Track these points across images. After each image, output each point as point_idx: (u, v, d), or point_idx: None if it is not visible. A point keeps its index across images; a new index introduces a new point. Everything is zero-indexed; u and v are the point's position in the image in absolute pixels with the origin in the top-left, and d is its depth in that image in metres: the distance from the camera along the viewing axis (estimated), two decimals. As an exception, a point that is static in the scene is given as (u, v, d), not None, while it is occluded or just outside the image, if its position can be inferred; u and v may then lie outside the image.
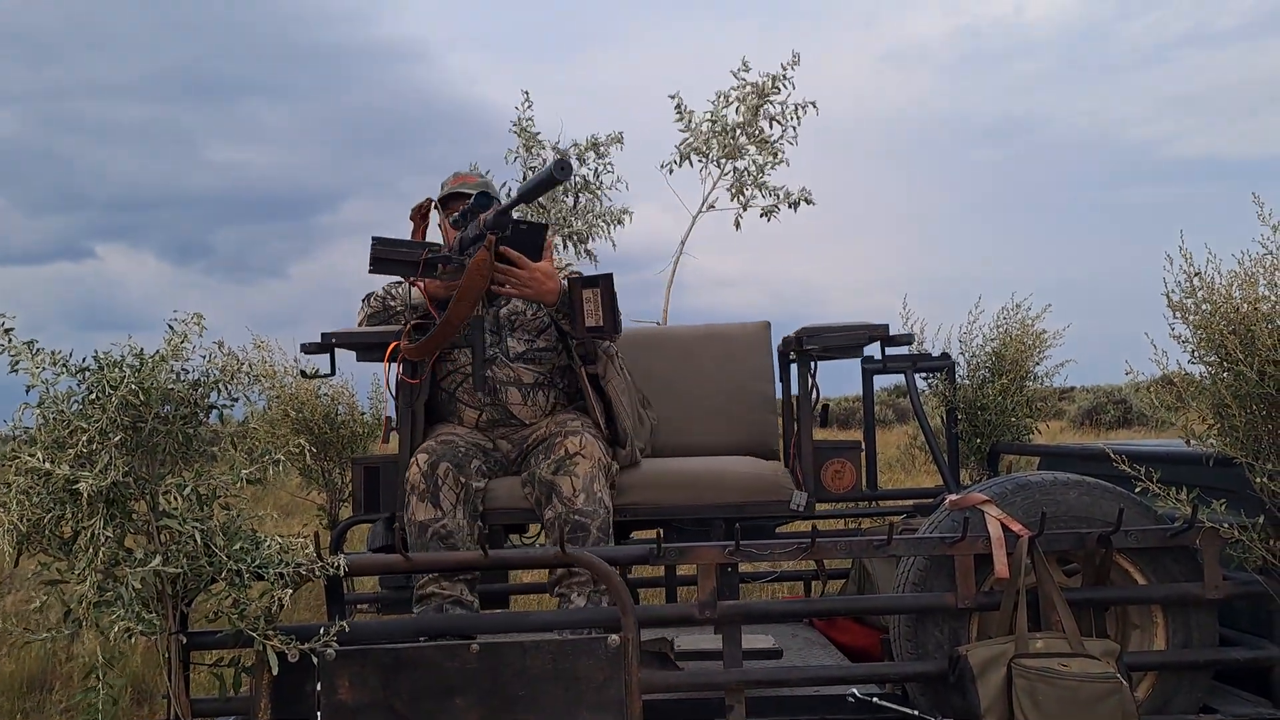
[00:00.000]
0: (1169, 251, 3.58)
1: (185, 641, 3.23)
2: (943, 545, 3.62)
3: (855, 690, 3.82)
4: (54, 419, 3.03)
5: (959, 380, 5.71)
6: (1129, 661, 3.52)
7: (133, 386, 3.00)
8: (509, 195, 4.29)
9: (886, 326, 4.45)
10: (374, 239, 4.16)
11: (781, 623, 5.27)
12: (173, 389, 3.11)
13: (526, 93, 9.28)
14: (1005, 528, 3.58)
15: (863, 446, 4.38)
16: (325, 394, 5.65)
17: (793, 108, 9.72)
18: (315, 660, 3.19)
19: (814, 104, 9.63)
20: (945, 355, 5.68)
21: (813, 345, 4.35)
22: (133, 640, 3.02)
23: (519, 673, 3.26)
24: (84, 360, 3.06)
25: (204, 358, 3.18)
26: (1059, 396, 6.16)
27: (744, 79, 9.54)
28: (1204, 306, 3.52)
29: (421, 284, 4.28)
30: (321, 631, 3.17)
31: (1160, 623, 3.72)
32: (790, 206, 9.57)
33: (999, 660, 3.40)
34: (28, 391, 3.02)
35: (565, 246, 9.60)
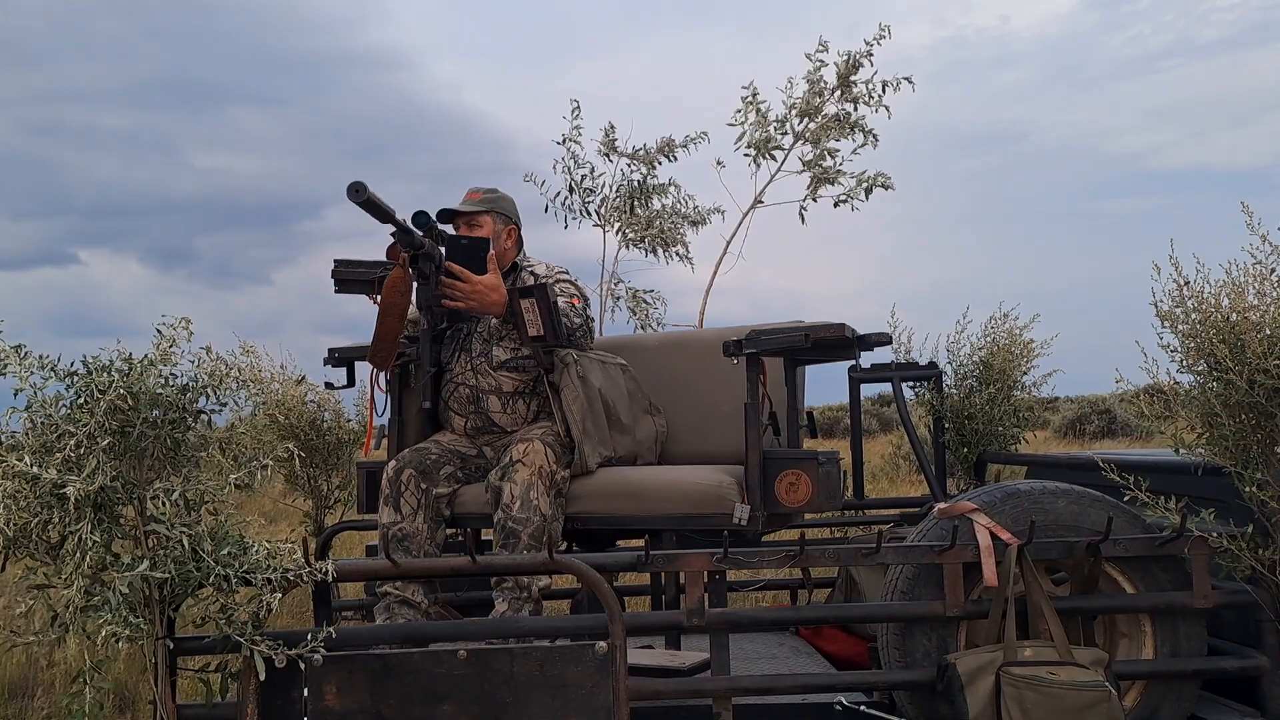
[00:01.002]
0: (1157, 261, 3.59)
1: (172, 647, 3.22)
2: (931, 553, 3.61)
3: (843, 698, 3.81)
4: (42, 423, 3.02)
5: (946, 389, 5.71)
6: (1117, 670, 3.52)
7: (121, 391, 2.99)
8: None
9: (842, 326, 4.22)
10: (335, 261, 4.41)
11: (769, 631, 5.26)
12: (161, 393, 3.10)
13: (576, 102, 8.90)
14: (994, 536, 3.58)
15: (819, 458, 4.21)
16: (312, 400, 5.64)
17: (880, 86, 8.46)
18: (303, 666, 3.18)
19: (908, 79, 8.41)
20: (932, 364, 5.68)
21: (752, 348, 4.24)
22: (119, 645, 3.00)
23: (506, 679, 3.24)
24: (72, 364, 3.05)
25: (192, 362, 3.17)
26: (1044, 407, 6.15)
27: (820, 60, 8.43)
28: (1193, 316, 3.52)
29: (377, 300, 4.33)
30: (309, 637, 3.17)
31: (1148, 632, 3.72)
32: (865, 193, 8.66)
33: (987, 668, 3.40)
34: (15, 395, 3.01)
35: (649, 253, 8.91)
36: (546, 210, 8.64)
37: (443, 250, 4.40)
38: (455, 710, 3.23)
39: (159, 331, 3.13)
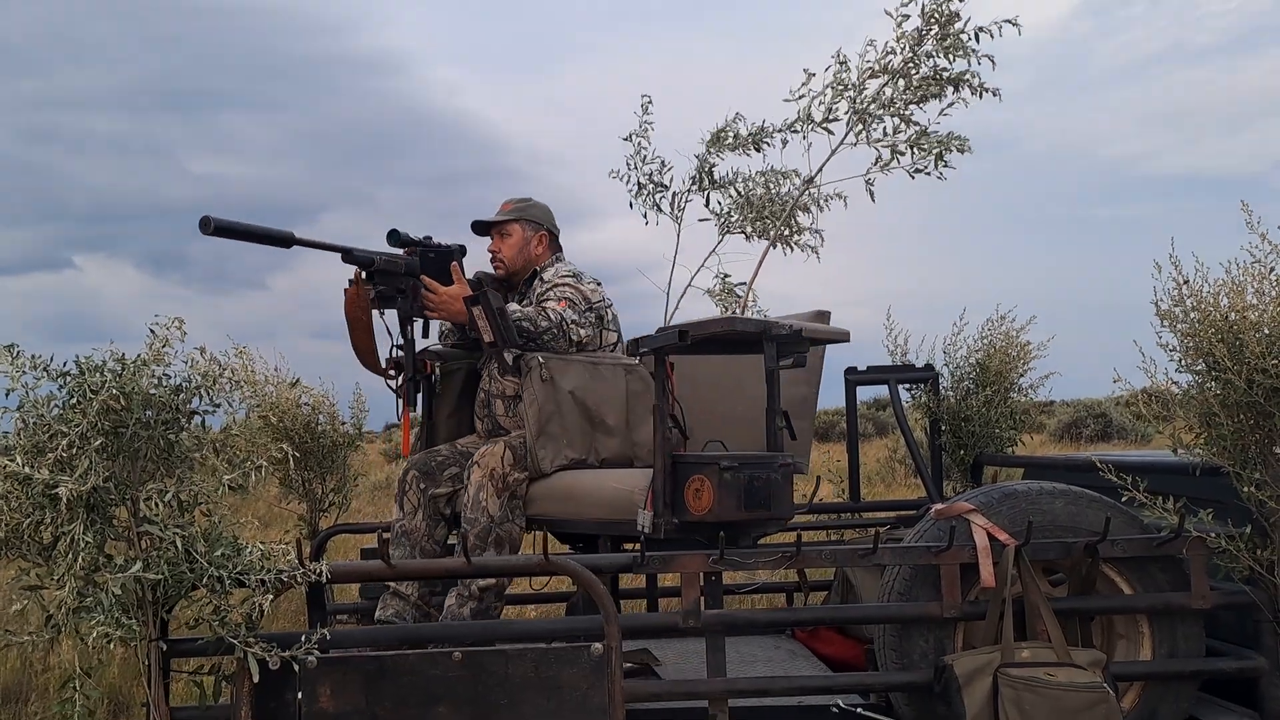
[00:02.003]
0: (1158, 260, 3.58)
1: (165, 649, 3.21)
2: (928, 554, 3.60)
3: (839, 700, 3.80)
4: (34, 423, 3.01)
5: (942, 392, 5.71)
6: (1115, 671, 3.51)
7: (114, 391, 2.97)
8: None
9: (732, 320, 4.08)
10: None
11: (765, 633, 5.25)
12: (154, 394, 3.09)
13: (648, 98, 8.41)
14: (991, 537, 3.57)
15: (722, 464, 4.05)
16: (306, 403, 5.63)
17: (974, 34, 6.92)
18: (297, 668, 3.16)
19: (1012, 21, 6.86)
20: (929, 366, 5.67)
21: (645, 347, 4.13)
22: (112, 647, 2.98)
23: (501, 681, 3.23)
24: (65, 364, 3.04)
25: (186, 363, 3.16)
26: (1039, 410, 6.16)
27: (905, 14, 7.06)
28: (1192, 315, 3.51)
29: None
30: (303, 639, 3.15)
31: (1147, 633, 3.72)
32: (940, 159, 7.14)
33: (985, 669, 3.39)
34: (7, 395, 3.00)
35: (778, 246, 7.92)
36: (631, 206, 8.31)
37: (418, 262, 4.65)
38: (450, 712, 3.22)
39: (152, 332, 3.11)
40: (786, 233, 7.61)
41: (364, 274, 4.53)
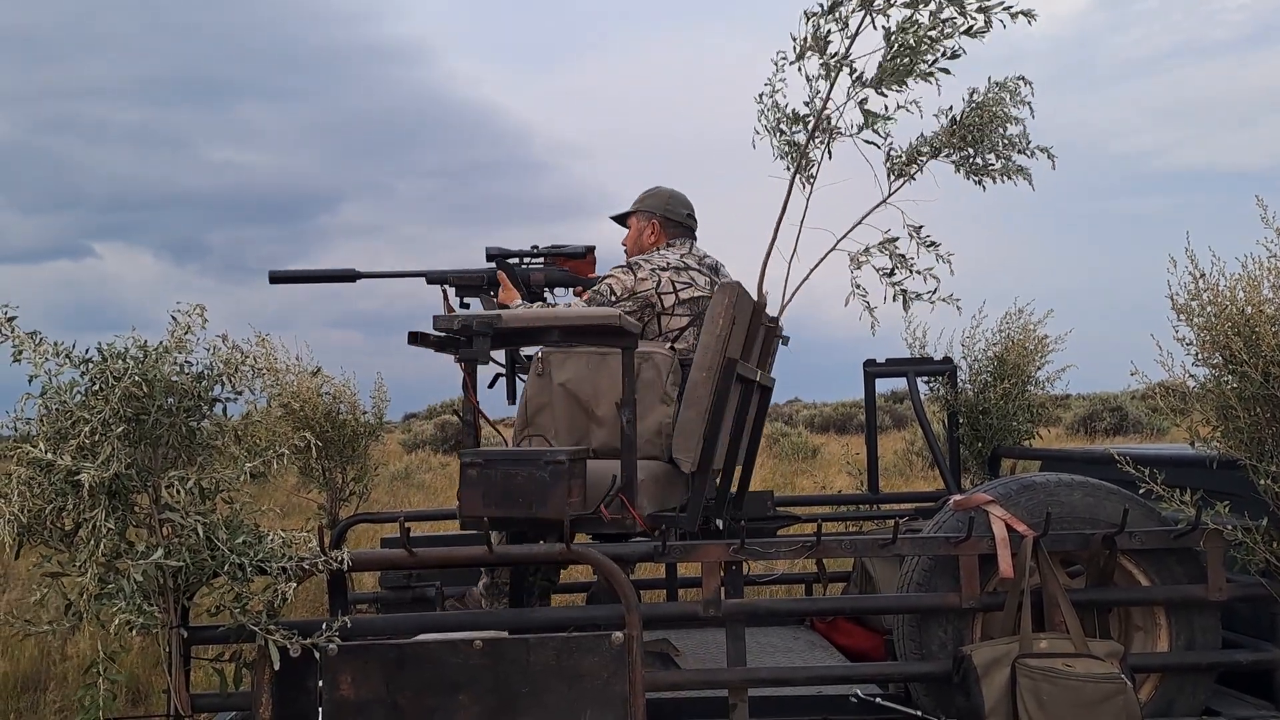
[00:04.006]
0: (1173, 255, 3.58)
1: (186, 636, 3.22)
2: (947, 545, 3.61)
3: (858, 690, 3.81)
4: (56, 410, 3.02)
5: (960, 385, 5.71)
6: (1133, 663, 3.52)
7: (136, 378, 2.99)
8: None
9: (472, 316, 3.79)
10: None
11: (784, 624, 5.27)
12: (176, 381, 3.10)
13: (782, 53, 5.85)
14: (1010, 528, 3.57)
15: (476, 460, 3.94)
16: (328, 392, 5.63)
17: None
18: (317, 655, 3.17)
19: (1026, 13, 4.85)
20: (947, 359, 5.68)
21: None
22: (133, 634, 3.00)
23: (522, 670, 3.24)
24: (87, 351, 3.05)
25: (208, 350, 3.17)
26: (1055, 404, 6.15)
27: None
28: (1209, 309, 3.52)
29: None
30: (324, 626, 3.16)
31: (1163, 625, 3.72)
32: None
33: (1003, 660, 3.39)
34: (30, 382, 3.01)
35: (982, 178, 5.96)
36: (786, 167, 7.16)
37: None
38: (470, 700, 3.23)
39: (174, 319, 3.13)
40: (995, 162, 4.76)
41: (451, 290, 4.90)
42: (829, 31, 4.11)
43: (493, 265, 5.08)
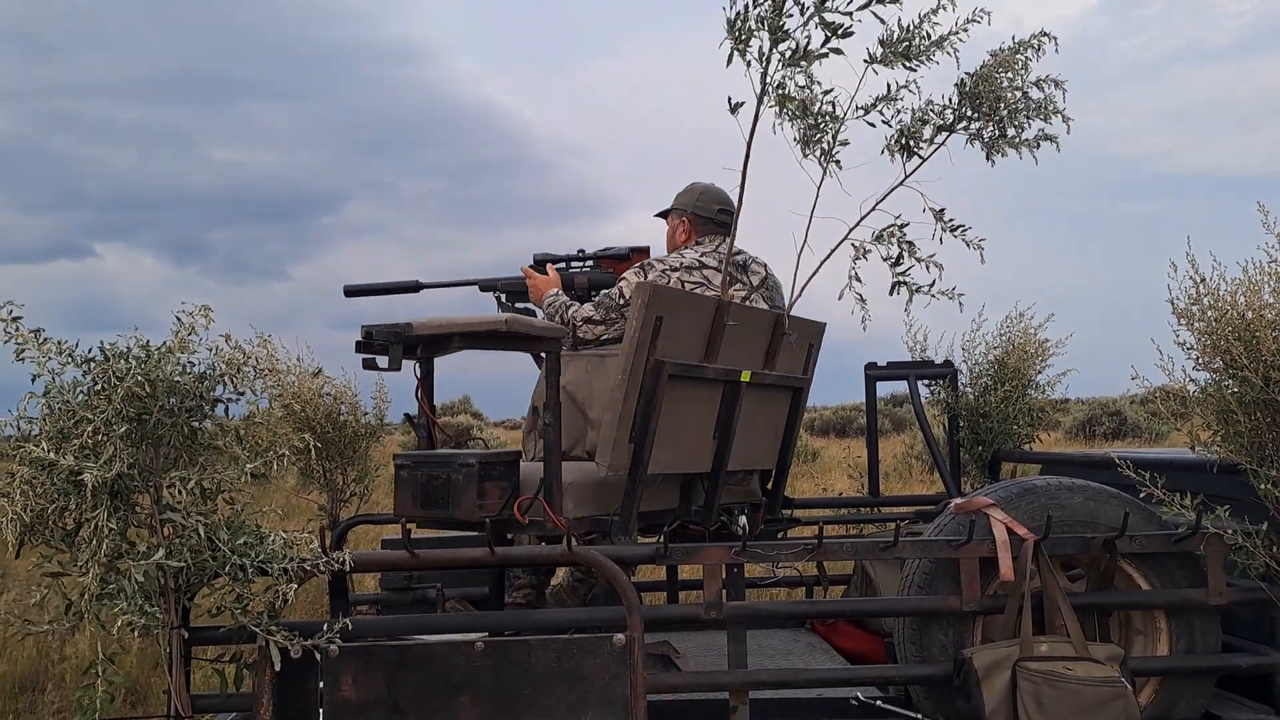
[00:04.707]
0: (1174, 259, 3.59)
1: (187, 636, 3.22)
2: (948, 548, 3.61)
3: (859, 693, 3.82)
4: (59, 409, 3.02)
5: (961, 388, 5.72)
6: (1133, 667, 3.52)
7: (139, 378, 2.98)
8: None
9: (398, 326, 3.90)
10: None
11: (786, 626, 5.27)
12: (179, 381, 3.10)
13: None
14: (1010, 531, 3.57)
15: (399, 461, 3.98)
16: (329, 393, 5.63)
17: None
18: (318, 656, 3.17)
19: (1046, 33, 4.57)
20: (948, 363, 5.69)
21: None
22: (133, 635, 3.00)
23: (524, 671, 3.24)
24: (90, 351, 3.05)
25: (210, 350, 3.17)
26: (1055, 408, 6.15)
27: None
28: (1209, 313, 3.52)
29: None
30: (325, 627, 3.16)
31: (1164, 628, 3.72)
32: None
33: (1004, 663, 3.40)
34: (33, 381, 3.01)
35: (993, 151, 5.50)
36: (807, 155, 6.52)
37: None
38: (472, 701, 3.23)
39: (178, 319, 3.13)
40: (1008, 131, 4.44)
41: (502, 297, 5.10)
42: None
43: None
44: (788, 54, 3.77)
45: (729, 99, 3.79)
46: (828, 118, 4.05)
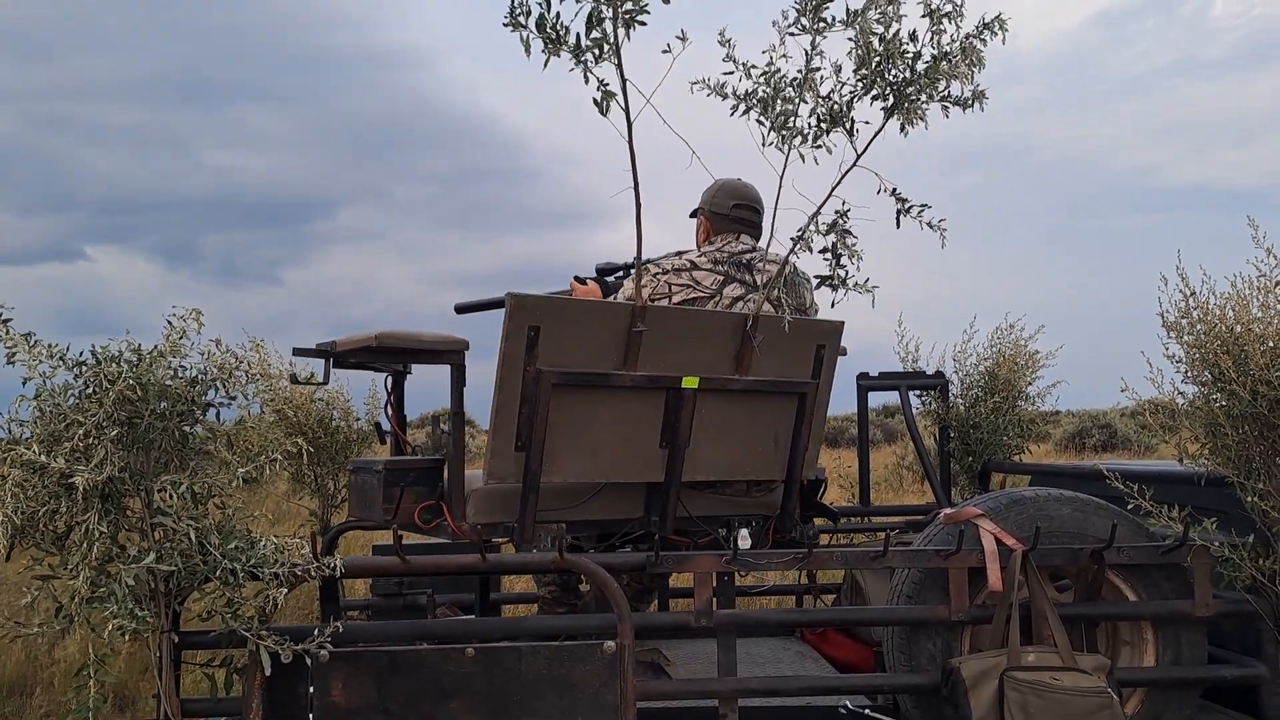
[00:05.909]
0: (1164, 274, 3.62)
1: (177, 640, 3.22)
2: (937, 558, 3.62)
3: (848, 702, 3.83)
4: (50, 412, 3.02)
5: (952, 399, 5.74)
6: (1119, 677, 3.53)
7: (130, 382, 2.98)
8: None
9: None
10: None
11: (775, 634, 5.28)
12: (170, 385, 3.10)
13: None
14: (999, 542, 3.59)
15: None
16: (320, 399, 5.63)
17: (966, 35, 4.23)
18: (309, 661, 3.17)
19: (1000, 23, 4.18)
20: (939, 374, 5.71)
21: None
22: (123, 638, 3.00)
23: (515, 678, 3.25)
24: (81, 354, 3.05)
25: (202, 355, 3.17)
26: (1045, 420, 6.18)
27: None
28: (1198, 327, 3.54)
29: None
30: (316, 632, 3.16)
31: (1150, 639, 3.74)
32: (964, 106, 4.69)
33: (991, 673, 3.41)
34: (24, 384, 3.01)
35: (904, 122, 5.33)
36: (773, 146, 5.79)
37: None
38: (462, 708, 3.23)
39: (169, 323, 3.12)
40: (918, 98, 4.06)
41: None
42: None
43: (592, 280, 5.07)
44: (603, 47, 3.68)
45: (594, 99, 3.66)
46: (770, 98, 3.90)
